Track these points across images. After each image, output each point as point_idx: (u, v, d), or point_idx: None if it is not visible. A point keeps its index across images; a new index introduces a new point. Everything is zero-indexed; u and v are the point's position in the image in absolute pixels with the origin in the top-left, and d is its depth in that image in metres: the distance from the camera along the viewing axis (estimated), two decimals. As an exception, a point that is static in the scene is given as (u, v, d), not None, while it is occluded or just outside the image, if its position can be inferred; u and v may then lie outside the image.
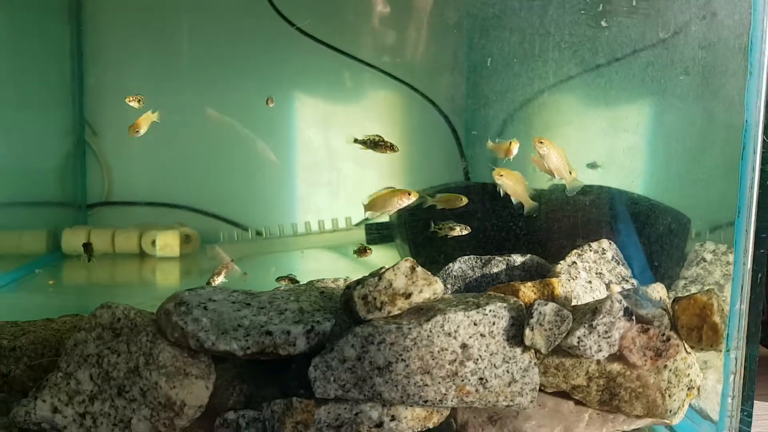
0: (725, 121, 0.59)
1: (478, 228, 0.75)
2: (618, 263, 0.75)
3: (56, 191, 1.39)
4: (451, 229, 0.74)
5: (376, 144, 0.73)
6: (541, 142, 0.69)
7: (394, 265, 0.60)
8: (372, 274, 0.61)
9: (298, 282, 0.79)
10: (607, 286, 0.72)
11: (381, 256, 1.20)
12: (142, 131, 0.81)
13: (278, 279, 0.81)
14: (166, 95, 1.37)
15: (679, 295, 0.67)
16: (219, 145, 1.34)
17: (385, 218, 1.25)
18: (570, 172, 0.70)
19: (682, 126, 0.65)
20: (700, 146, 0.64)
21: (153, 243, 1.28)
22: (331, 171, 1.37)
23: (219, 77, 1.32)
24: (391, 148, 0.73)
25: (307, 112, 1.37)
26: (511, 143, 0.70)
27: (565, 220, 0.77)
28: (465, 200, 0.75)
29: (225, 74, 1.31)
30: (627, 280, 0.74)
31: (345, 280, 0.71)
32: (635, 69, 0.62)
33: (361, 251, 0.90)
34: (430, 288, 0.61)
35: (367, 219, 1.28)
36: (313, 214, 1.34)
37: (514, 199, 0.71)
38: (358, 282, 0.60)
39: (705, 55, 0.59)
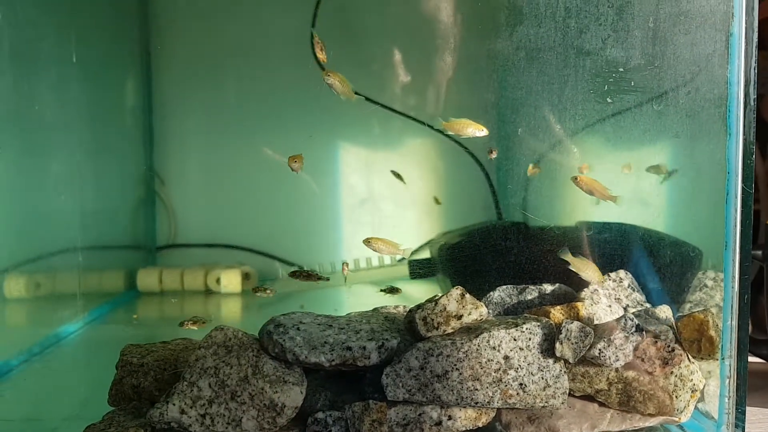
0: (711, 173, 0.73)
1: (514, 261, 0.89)
2: (634, 290, 0.88)
3: (131, 235, 1.54)
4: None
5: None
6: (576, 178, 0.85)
7: (447, 292, 0.75)
8: (429, 300, 0.75)
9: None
10: (625, 309, 0.86)
11: (422, 290, 1.34)
12: None
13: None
14: (223, 146, 1.53)
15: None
16: (271, 191, 1.49)
17: (427, 254, 1.40)
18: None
19: (676, 178, 0.80)
20: (693, 193, 0.79)
21: (217, 281, 1.42)
22: (374, 212, 1.51)
23: (271, 127, 1.47)
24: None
25: (351, 158, 1.52)
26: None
27: (590, 255, 0.90)
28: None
29: (276, 125, 1.47)
30: (641, 305, 0.87)
31: (404, 307, 0.86)
32: (635, 133, 0.77)
33: (391, 290, 1.05)
34: (477, 311, 0.75)
35: (410, 256, 1.42)
36: (358, 252, 1.47)
37: None
38: (419, 306, 0.75)
39: (691, 121, 0.74)
